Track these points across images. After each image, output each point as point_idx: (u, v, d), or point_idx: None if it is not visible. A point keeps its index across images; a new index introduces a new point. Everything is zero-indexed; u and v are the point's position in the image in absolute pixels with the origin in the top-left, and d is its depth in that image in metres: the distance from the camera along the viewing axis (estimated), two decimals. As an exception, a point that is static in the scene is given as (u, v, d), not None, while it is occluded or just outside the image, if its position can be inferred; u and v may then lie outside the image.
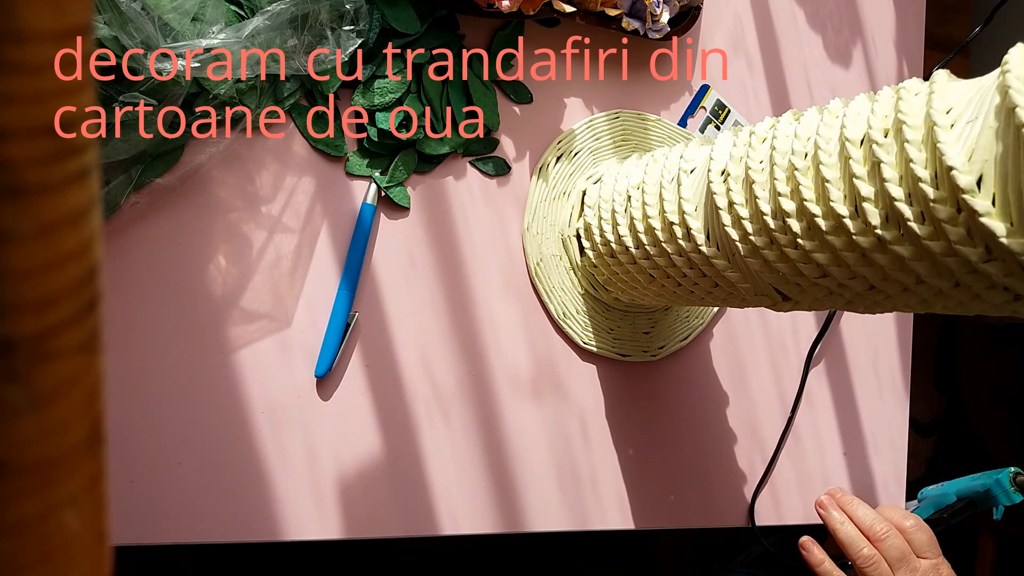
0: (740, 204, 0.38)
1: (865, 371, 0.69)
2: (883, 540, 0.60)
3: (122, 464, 0.43)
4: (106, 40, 0.37)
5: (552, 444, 0.54)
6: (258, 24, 0.40)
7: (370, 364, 0.49)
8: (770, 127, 0.39)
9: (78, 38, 0.13)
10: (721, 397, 0.62)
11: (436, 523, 0.50)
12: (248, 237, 0.46)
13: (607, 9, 0.52)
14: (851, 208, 0.32)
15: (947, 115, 0.29)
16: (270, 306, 0.47)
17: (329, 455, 0.48)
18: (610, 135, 0.56)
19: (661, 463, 0.59)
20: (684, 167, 0.43)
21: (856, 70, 0.69)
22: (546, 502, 0.54)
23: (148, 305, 0.44)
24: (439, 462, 0.51)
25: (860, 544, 0.60)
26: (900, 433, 0.71)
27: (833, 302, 0.37)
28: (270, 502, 0.46)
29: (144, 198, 0.43)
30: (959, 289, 0.31)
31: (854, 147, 0.32)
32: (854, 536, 0.61)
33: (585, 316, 0.55)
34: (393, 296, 0.50)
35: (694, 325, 0.60)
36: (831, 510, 0.63)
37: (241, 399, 0.46)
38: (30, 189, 0.13)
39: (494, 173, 0.53)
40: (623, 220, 0.47)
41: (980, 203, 0.27)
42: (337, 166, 0.49)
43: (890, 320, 0.71)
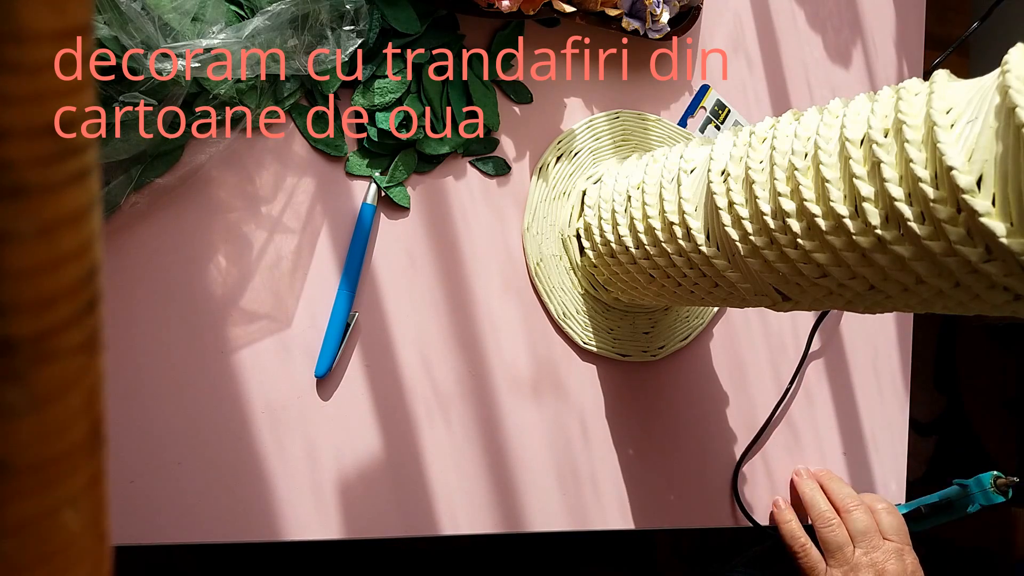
0: (740, 204, 0.38)
1: (865, 371, 0.69)
2: (849, 512, 0.60)
3: (122, 464, 0.43)
4: (106, 40, 0.37)
5: (552, 444, 0.54)
6: (258, 24, 0.40)
7: (370, 364, 0.49)
8: (770, 127, 0.39)
9: (78, 38, 0.13)
10: (721, 397, 0.62)
11: (436, 523, 0.50)
12: (248, 237, 0.46)
13: (607, 9, 0.52)
14: (851, 208, 0.32)
15: (947, 115, 0.29)
16: (270, 306, 0.47)
17: (329, 455, 0.48)
18: (610, 135, 0.56)
19: (661, 463, 0.59)
20: (684, 167, 0.43)
21: (856, 70, 0.69)
22: (546, 502, 0.54)
23: (148, 305, 0.44)
24: (439, 462, 0.51)
25: (822, 505, 0.60)
26: (900, 433, 0.71)
27: (833, 302, 0.37)
28: (270, 502, 0.46)
29: (144, 198, 0.43)
30: (959, 289, 0.31)
31: (854, 147, 0.32)
32: (818, 498, 0.61)
33: (585, 316, 0.55)
34: (393, 296, 0.50)
35: (694, 325, 0.60)
36: (805, 477, 0.63)
37: (241, 399, 0.46)
38: (30, 189, 0.13)
39: (494, 173, 0.53)
40: (623, 220, 0.47)
41: (980, 203, 0.27)
42: (337, 166, 0.49)
43: (890, 320, 0.71)
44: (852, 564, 0.57)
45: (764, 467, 0.64)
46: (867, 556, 0.57)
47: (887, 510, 0.61)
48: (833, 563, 0.58)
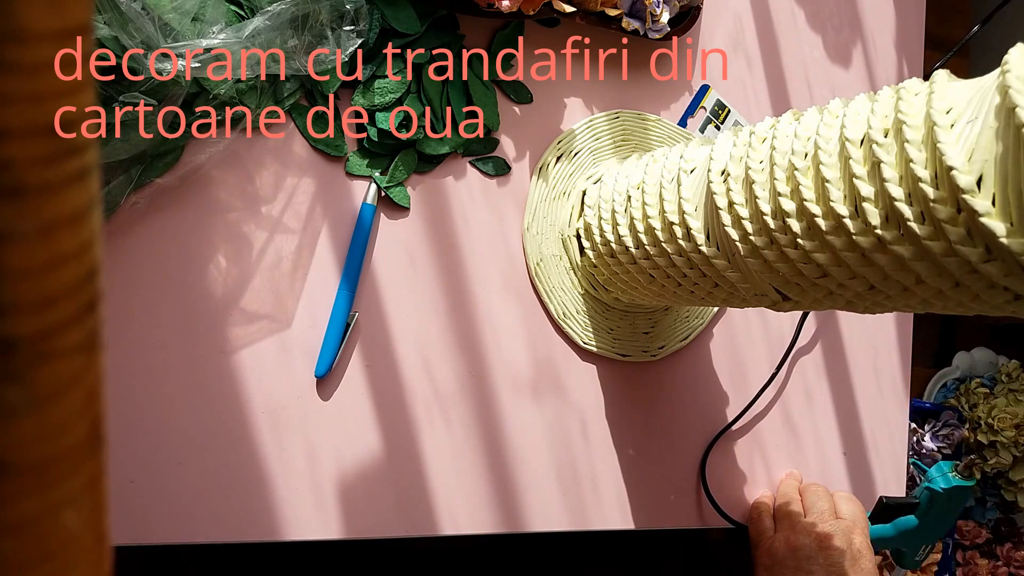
0: (740, 204, 0.38)
1: (865, 371, 0.69)
2: (808, 488, 0.61)
3: (122, 464, 0.43)
4: (106, 40, 0.37)
5: (552, 444, 0.54)
6: (258, 24, 0.40)
7: (370, 364, 0.49)
8: (770, 127, 0.39)
9: (78, 38, 0.13)
10: (721, 397, 0.62)
11: (436, 523, 0.50)
12: (248, 237, 0.46)
13: (607, 9, 0.52)
14: (851, 208, 0.32)
15: (947, 115, 0.29)
16: (270, 306, 0.47)
17: (329, 455, 0.48)
18: (610, 135, 0.56)
19: (661, 463, 0.59)
20: (684, 167, 0.43)
21: (856, 70, 0.69)
22: (546, 502, 0.54)
23: (148, 305, 0.44)
24: (439, 462, 0.51)
25: (789, 490, 0.61)
26: (900, 433, 0.71)
27: (833, 302, 0.37)
28: (270, 502, 0.46)
29: (144, 198, 0.43)
30: (959, 289, 0.31)
31: (854, 147, 0.32)
32: (788, 484, 0.62)
33: (585, 316, 0.55)
34: (393, 296, 0.50)
35: (694, 325, 0.60)
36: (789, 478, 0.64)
37: (241, 399, 0.46)
38: (30, 189, 0.13)
39: (494, 173, 0.53)
40: (623, 220, 0.47)
41: (980, 203, 0.27)
42: (337, 166, 0.49)
43: (890, 320, 0.71)
44: (796, 530, 0.57)
45: (764, 467, 0.64)
46: (814, 527, 0.57)
47: (847, 498, 0.61)
48: (780, 529, 0.59)
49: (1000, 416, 0.89)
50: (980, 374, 0.97)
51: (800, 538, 0.56)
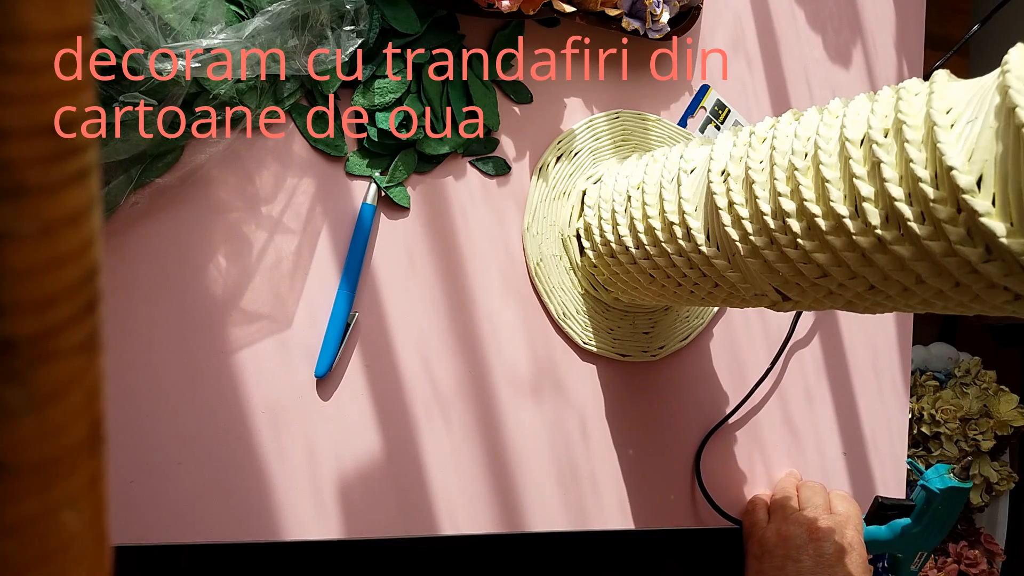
0: (740, 204, 0.38)
1: (865, 371, 0.69)
2: (805, 484, 0.61)
3: (122, 464, 0.43)
4: (106, 40, 0.37)
5: (552, 444, 0.54)
6: (258, 24, 0.40)
7: (370, 364, 0.49)
8: (770, 127, 0.39)
9: (78, 38, 0.13)
10: (721, 397, 0.62)
11: (436, 523, 0.50)
12: (248, 237, 0.46)
13: (607, 9, 0.52)
14: (851, 208, 0.32)
15: (947, 115, 0.29)
16: (270, 306, 0.47)
17: (329, 455, 0.48)
18: (610, 135, 0.56)
19: (661, 463, 0.59)
20: (684, 167, 0.43)
21: (856, 70, 0.69)
22: (546, 502, 0.54)
23: (148, 305, 0.44)
24: (439, 462, 0.51)
25: (787, 486, 0.62)
26: (900, 433, 0.71)
27: (833, 302, 0.37)
28: (270, 502, 0.46)
29: (144, 198, 0.43)
30: (959, 289, 0.31)
31: (854, 147, 0.32)
32: (786, 480, 0.63)
33: (585, 316, 0.55)
34: (393, 296, 0.50)
35: (694, 325, 0.60)
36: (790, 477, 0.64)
37: (241, 399, 0.46)
38: (30, 189, 0.13)
39: (494, 173, 0.53)
40: (623, 220, 0.47)
41: (980, 203, 0.27)
42: (337, 166, 0.49)
43: (890, 320, 0.71)
44: (788, 521, 0.57)
45: (764, 467, 0.64)
46: (806, 519, 0.57)
47: (844, 497, 0.61)
48: (773, 521, 0.59)
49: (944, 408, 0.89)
50: (935, 369, 0.97)
51: (791, 528, 0.56)
